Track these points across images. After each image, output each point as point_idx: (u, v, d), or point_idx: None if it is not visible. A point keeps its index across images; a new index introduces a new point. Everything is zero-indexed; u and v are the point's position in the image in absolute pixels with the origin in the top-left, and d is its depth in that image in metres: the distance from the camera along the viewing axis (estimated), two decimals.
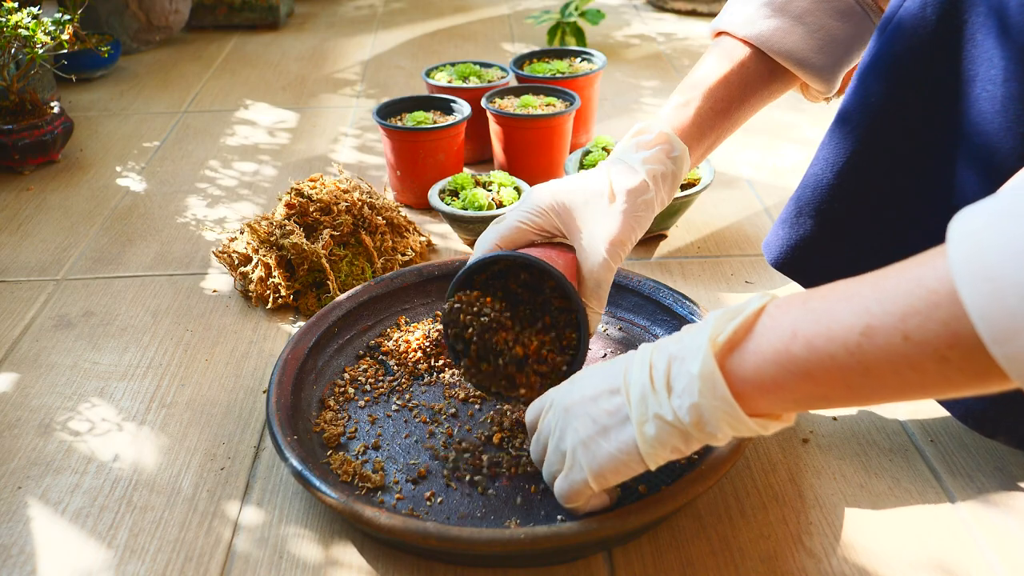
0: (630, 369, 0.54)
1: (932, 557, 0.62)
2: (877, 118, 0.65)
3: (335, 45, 1.79)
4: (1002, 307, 0.37)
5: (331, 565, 0.62)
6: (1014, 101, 0.55)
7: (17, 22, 1.13)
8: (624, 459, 0.54)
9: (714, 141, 0.75)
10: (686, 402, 0.50)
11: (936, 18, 0.60)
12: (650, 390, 0.52)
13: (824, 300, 0.46)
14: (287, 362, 0.74)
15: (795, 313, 0.47)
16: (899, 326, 0.41)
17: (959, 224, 0.40)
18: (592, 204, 0.68)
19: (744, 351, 0.49)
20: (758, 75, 0.74)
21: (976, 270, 0.38)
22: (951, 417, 0.74)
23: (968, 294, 0.38)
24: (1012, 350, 0.37)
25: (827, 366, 0.45)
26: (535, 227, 0.69)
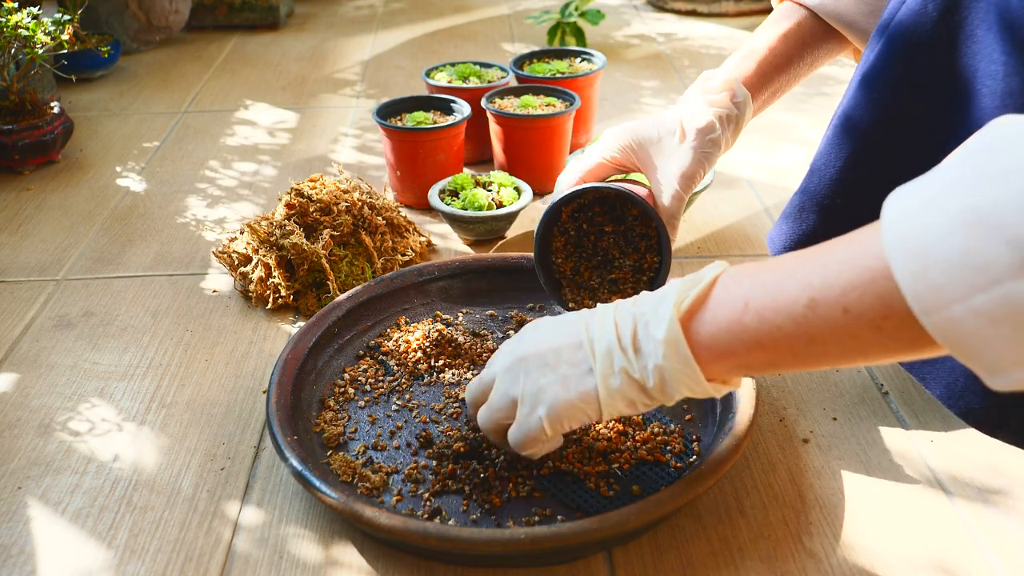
0: (591, 327, 0.57)
1: (932, 557, 0.62)
2: (880, 116, 0.65)
3: (335, 45, 1.79)
4: (928, 282, 0.40)
5: (331, 565, 0.62)
6: (1014, 96, 0.55)
7: (17, 22, 1.13)
8: (582, 407, 0.57)
9: (774, 92, 0.80)
10: (651, 363, 0.54)
11: (937, 14, 0.60)
12: (617, 348, 0.55)
13: (772, 272, 0.50)
14: (287, 362, 0.74)
15: (746, 284, 0.51)
16: (840, 300, 0.45)
17: (892, 206, 0.44)
18: (665, 141, 0.75)
19: (701, 319, 0.53)
20: (813, 35, 0.79)
21: (906, 250, 0.41)
22: (951, 416, 0.74)
23: (899, 270, 0.42)
24: (938, 319, 0.41)
25: (775, 336, 0.49)
26: (614, 163, 0.77)
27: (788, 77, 0.80)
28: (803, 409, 0.76)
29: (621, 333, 0.55)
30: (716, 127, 0.75)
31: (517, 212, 0.99)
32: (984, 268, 0.39)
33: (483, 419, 0.63)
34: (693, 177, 0.74)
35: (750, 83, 0.78)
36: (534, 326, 0.62)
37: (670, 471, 0.67)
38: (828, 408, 0.76)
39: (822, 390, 0.78)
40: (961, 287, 0.39)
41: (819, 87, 1.51)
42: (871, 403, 0.76)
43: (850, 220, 0.70)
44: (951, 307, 0.40)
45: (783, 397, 0.78)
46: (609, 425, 0.70)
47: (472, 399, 0.65)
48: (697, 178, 0.75)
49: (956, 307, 0.40)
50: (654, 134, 0.76)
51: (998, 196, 0.39)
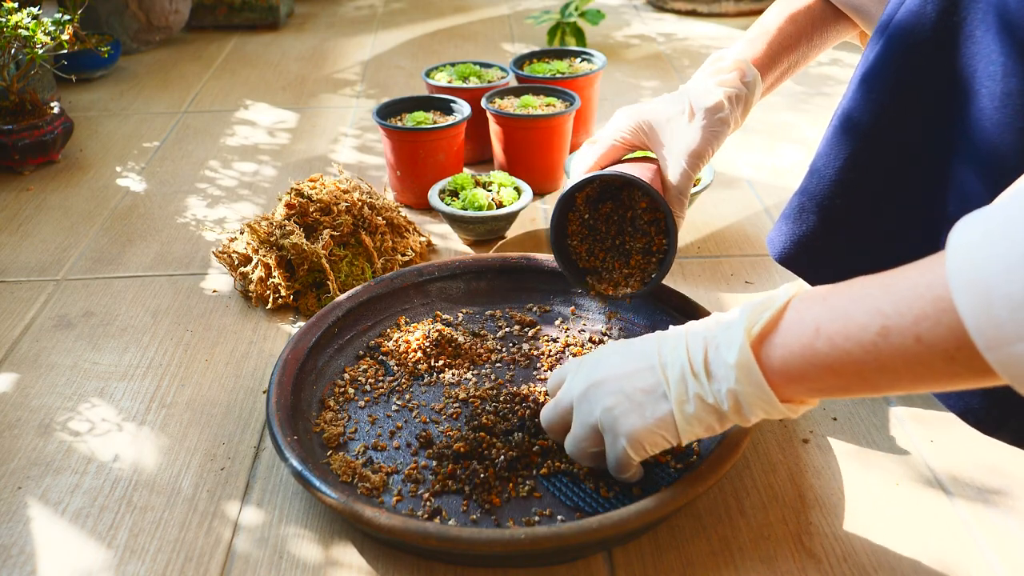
0: (663, 351, 0.58)
1: (932, 557, 0.62)
2: (879, 115, 0.65)
3: (335, 45, 1.79)
4: (990, 318, 0.40)
5: (331, 565, 0.62)
6: (1012, 97, 0.55)
7: (17, 22, 1.13)
8: (660, 432, 0.57)
9: (783, 73, 0.82)
10: (724, 387, 0.54)
11: (936, 15, 0.60)
12: (690, 373, 0.56)
13: (843, 297, 0.50)
14: (287, 362, 0.74)
15: (817, 309, 0.51)
16: (912, 329, 0.45)
17: (957, 236, 0.43)
18: (674, 121, 0.77)
19: (773, 343, 0.52)
20: (823, 17, 0.81)
21: (969, 283, 0.41)
22: (951, 416, 0.74)
23: (962, 304, 0.41)
24: (1001, 356, 0.40)
25: (846, 361, 0.48)
26: (626, 144, 0.79)
27: (797, 57, 0.81)
28: None
29: (693, 358, 0.56)
30: (725, 106, 0.75)
31: (517, 212, 0.99)
32: None
33: (571, 450, 0.63)
34: (702, 155, 0.75)
35: (760, 63, 0.79)
36: (606, 350, 0.62)
37: (670, 471, 0.67)
38: (828, 408, 0.76)
39: None
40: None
41: (819, 87, 1.51)
42: (871, 403, 0.76)
43: (850, 221, 0.70)
44: (1014, 345, 0.39)
45: None
46: None
47: (548, 424, 0.65)
48: (706, 156, 0.76)
49: (1019, 345, 0.39)
50: (663, 114, 0.77)
51: None
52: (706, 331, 0.56)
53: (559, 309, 0.87)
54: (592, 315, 0.86)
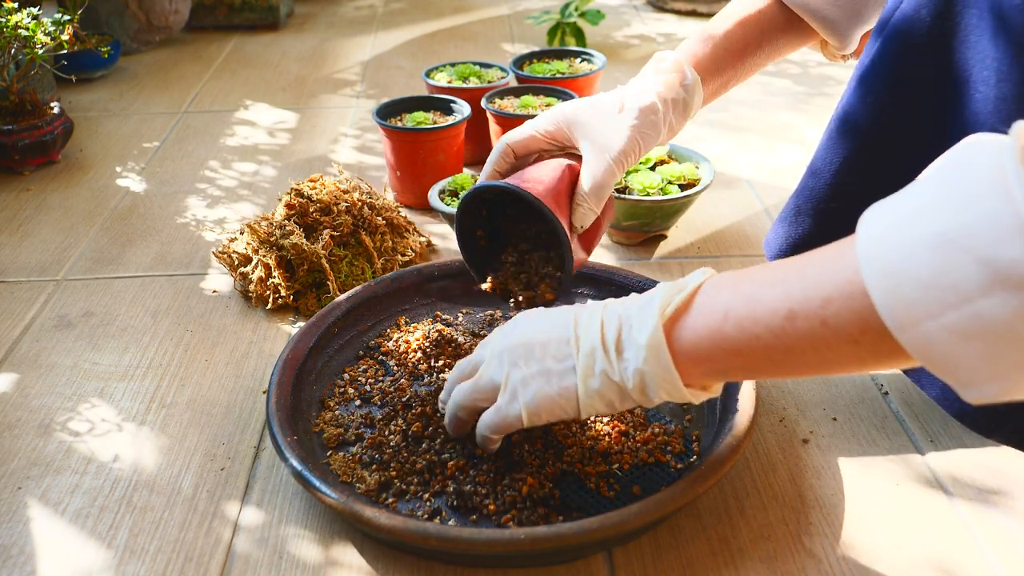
0: (579, 323, 0.58)
1: (932, 557, 0.62)
2: (875, 118, 0.65)
3: (335, 45, 1.79)
4: (900, 299, 0.42)
5: (331, 565, 0.62)
6: (1006, 101, 0.55)
7: (17, 22, 1.13)
8: (562, 403, 0.58)
9: (728, 80, 0.78)
10: (631, 366, 0.55)
11: (930, 19, 0.60)
12: (600, 348, 0.56)
13: (753, 283, 0.51)
14: (287, 362, 0.74)
15: (727, 294, 0.52)
16: (819, 312, 0.46)
17: (868, 222, 0.45)
18: (602, 116, 0.72)
19: (683, 326, 0.53)
20: (775, 23, 0.77)
21: (880, 268, 0.42)
22: (951, 418, 0.74)
23: (873, 287, 0.43)
24: (911, 336, 0.42)
25: (754, 345, 0.50)
26: (546, 135, 0.74)
27: (744, 65, 0.78)
28: (803, 409, 0.76)
29: (606, 334, 0.56)
30: (658, 108, 0.72)
31: None
32: (954, 287, 0.40)
33: (462, 395, 0.63)
34: (627, 153, 0.71)
35: (702, 67, 0.76)
36: (527, 315, 0.63)
37: (670, 471, 0.67)
38: (828, 408, 0.76)
39: (822, 390, 0.78)
40: (933, 305, 0.40)
41: (819, 87, 1.51)
42: (871, 403, 0.76)
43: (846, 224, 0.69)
44: (923, 324, 0.41)
45: (783, 397, 0.78)
46: (610, 425, 0.70)
47: (457, 375, 0.65)
48: (631, 156, 0.71)
49: (929, 324, 0.41)
50: (591, 111, 0.73)
51: (966, 219, 0.40)
52: (623, 309, 0.57)
53: None
54: None
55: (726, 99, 1.46)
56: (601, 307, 0.58)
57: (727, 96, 1.47)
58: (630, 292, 0.84)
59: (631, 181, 0.99)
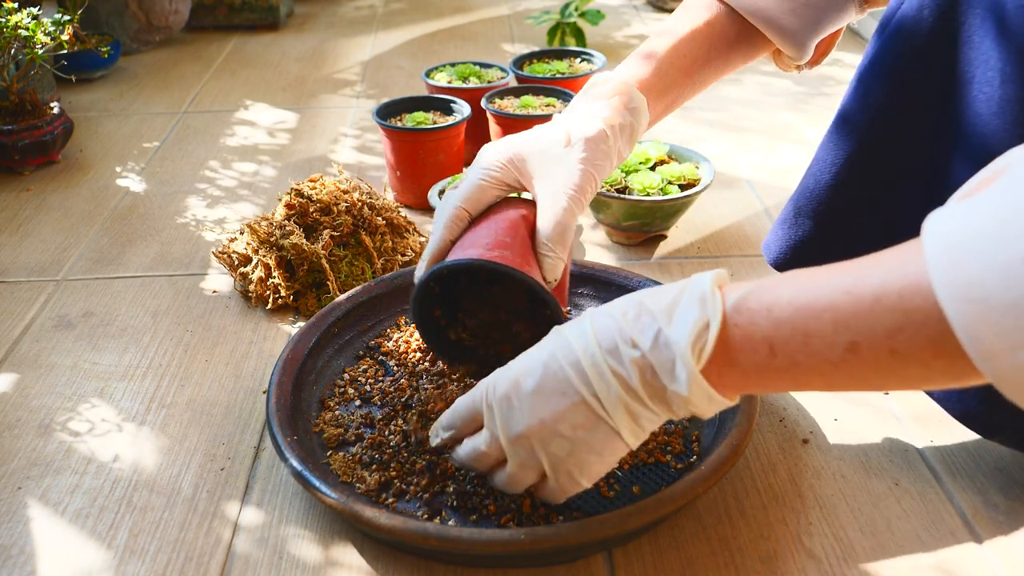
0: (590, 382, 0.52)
1: (932, 557, 0.62)
2: (876, 119, 0.65)
3: (335, 45, 1.79)
4: (988, 328, 0.38)
5: (331, 565, 0.62)
6: (1011, 103, 0.55)
7: (17, 22, 1.13)
8: (613, 460, 0.56)
9: (675, 99, 0.73)
10: (681, 411, 0.52)
11: (933, 20, 0.60)
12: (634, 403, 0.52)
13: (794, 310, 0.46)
14: (287, 362, 0.74)
15: (765, 327, 0.47)
16: (886, 343, 0.42)
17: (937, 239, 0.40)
18: (550, 153, 0.66)
19: (725, 367, 0.49)
20: (725, 36, 0.72)
21: (960, 291, 0.38)
22: (951, 418, 0.74)
23: (954, 315, 0.39)
24: (998, 365, 0.38)
25: (810, 375, 0.46)
26: (495, 182, 0.68)
27: (692, 82, 0.73)
28: (803, 409, 0.76)
29: (632, 385, 0.51)
30: (607, 136, 0.66)
31: None
32: None
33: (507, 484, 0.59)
34: (583, 190, 0.65)
35: (647, 88, 0.70)
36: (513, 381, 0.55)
37: (670, 471, 0.67)
38: (828, 408, 0.76)
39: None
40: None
41: (819, 87, 1.51)
42: (871, 403, 0.76)
43: (846, 226, 0.70)
44: (1017, 352, 0.37)
45: (783, 397, 0.78)
46: None
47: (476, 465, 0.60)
48: (587, 191, 0.65)
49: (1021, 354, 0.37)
50: (535, 147, 0.67)
51: None
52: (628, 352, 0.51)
53: None
54: None
55: (726, 99, 1.46)
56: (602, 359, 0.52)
57: (727, 96, 1.47)
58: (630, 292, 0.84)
59: (631, 181, 0.99)
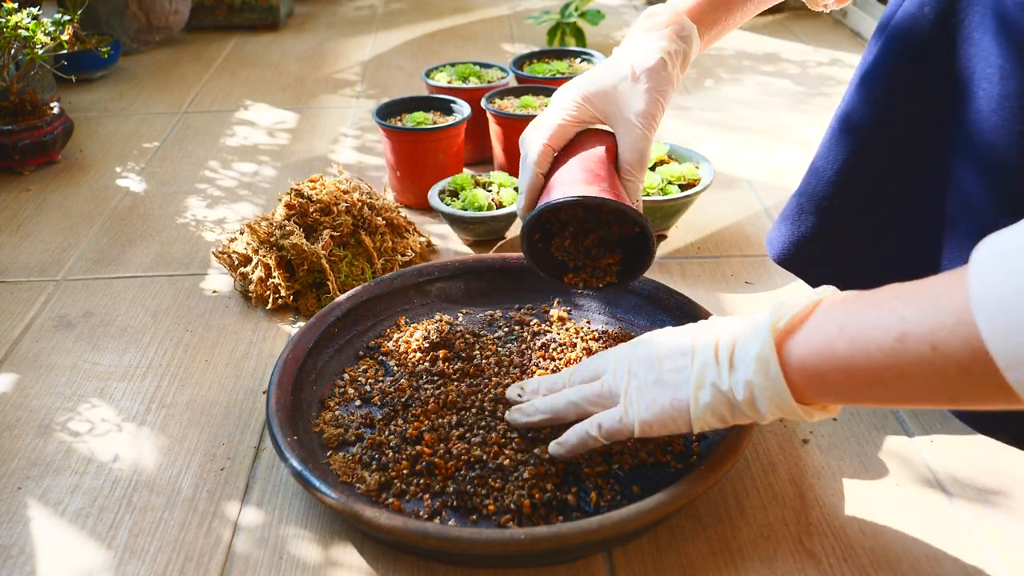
0: (697, 338, 0.59)
1: (932, 557, 0.62)
2: (878, 116, 0.65)
3: (335, 45, 1.79)
4: (1009, 338, 0.40)
5: (331, 566, 0.62)
6: (1010, 99, 0.55)
7: (17, 22, 1.13)
8: (674, 415, 0.58)
9: (722, 27, 0.79)
10: (741, 378, 0.55)
11: (934, 16, 0.60)
12: (713, 361, 0.56)
13: (869, 302, 0.50)
14: (287, 363, 0.74)
15: (842, 311, 0.51)
16: (928, 337, 0.45)
17: (982, 251, 0.43)
18: (620, 87, 0.74)
19: (795, 340, 0.53)
20: None
21: (992, 301, 0.41)
22: (951, 417, 0.74)
23: (983, 322, 0.41)
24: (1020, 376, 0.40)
25: (865, 364, 0.49)
26: (574, 120, 0.76)
27: (736, 12, 0.79)
28: None
29: (720, 346, 0.56)
30: (666, 64, 0.74)
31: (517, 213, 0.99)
32: None
33: (580, 395, 0.63)
34: (653, 116, 0.74)
35: (697, 16, 0.76)
36: (654, 332, 0.63)
37: (670, 471, 0.67)
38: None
39: None
40: None
41: (819, 87, 1.51)
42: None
43: (849, 222, 0.70)
44: None
45: None
46: None
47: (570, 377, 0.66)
48: (657, 117, 0.74)
49: None
50: (606, 83, 0.75)
51: None
52: (740, 325, 0.57)
53: (559, 309, 0.87)
54: (592, 315, 0.86)
55: (726, 99, 1.46)
56: (719, 324, 0.59)
57: (727, 96, 1.47)
58: (630, 292, 0.85)
59: None
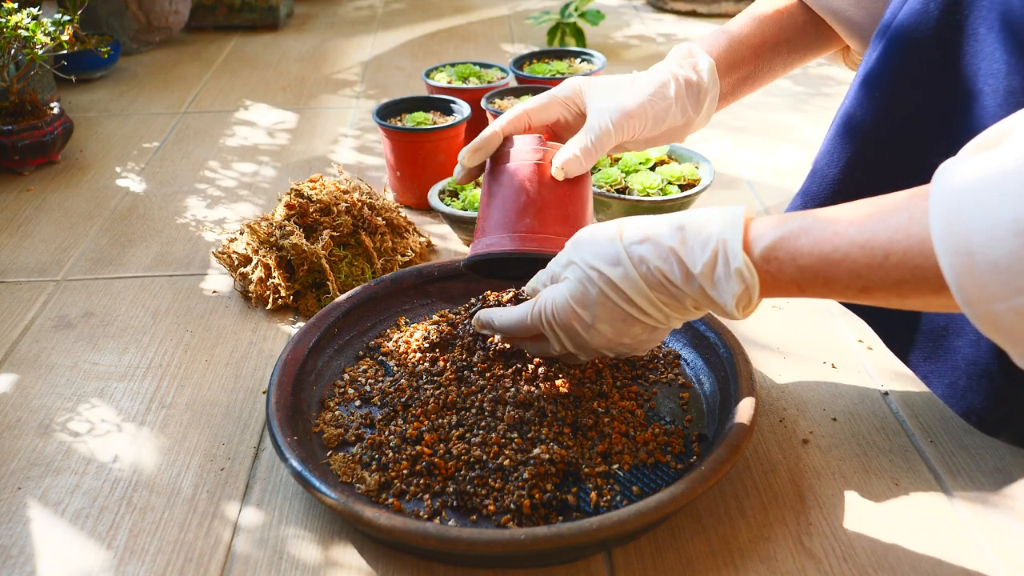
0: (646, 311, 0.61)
1: (932, 557, 0.61)
2: (881, 115, 0.65)
3: (335, 46, 1.79)
4: (972, 279, 0.43)
5: (331, 566, 0.62)
6: (1015, 94, 0.55)
7: (17, 23, 1.13)
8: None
9: (746, 76, 0.78)
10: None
11: (939, 13, 0.60)
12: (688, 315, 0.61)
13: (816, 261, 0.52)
14: (287, 363, 0.74)
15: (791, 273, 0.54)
16: (894, 290, 0.49)
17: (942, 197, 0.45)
18: (614, 83, 0.75)
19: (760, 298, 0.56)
20: (794, 21, 0.78)
21: (953, 246, 0.44)
22: (952, 417, 0.74)
23: (945, 264, 0.44)
24: (978, 311, 0.44)
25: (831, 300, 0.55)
26: (559, 101, 0.76)
27: (763, 62, 0.78)
28: (803, 409, 0.76)
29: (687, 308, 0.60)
30: (670, 82, 0.73)
31: None
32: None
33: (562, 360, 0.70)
34: (631, 116, 0.72)
35: (718, 57, 0.76)
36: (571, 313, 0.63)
37: (670, 471, 0.67)
38: (828, 408, 0.76)
39: (822, 390, 0.78)
40: (1005, 289, 0.42)
41: (819, 87, 1.51)
42: (871, 403, 0.76)
43: None
44: (992, 303, 0.43)
45: (783, 397, 0.78)
46: (610, 426, 0.70)
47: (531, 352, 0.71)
48: (636, 120, 0.72)
49: (998, 304, 0.43)
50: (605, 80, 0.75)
51: None
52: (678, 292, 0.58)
53: None
54: None
55: None
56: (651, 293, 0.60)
57: None
58: None
59: (631, 181, 0.99)
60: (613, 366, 0.76)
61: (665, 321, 0.61)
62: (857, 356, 0.83)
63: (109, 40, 1.58)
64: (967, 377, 0.63)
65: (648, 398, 0.75)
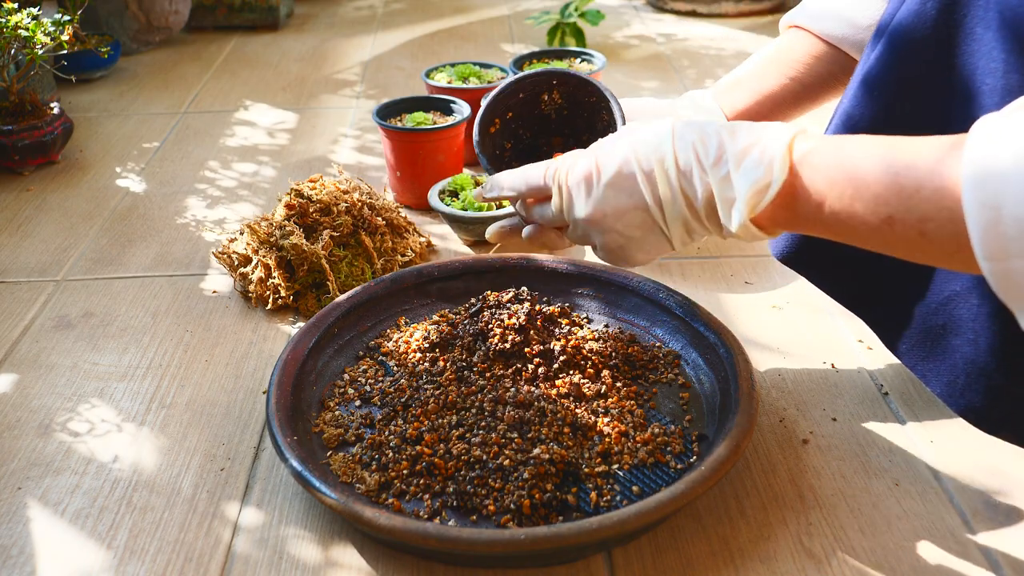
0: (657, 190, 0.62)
1: (932, 558, 0.62)
2: (880, 114, 0.65)
3: (335, 46, 1.79)
4: (996, 235, 0.44)
5: (331, 566, 0.62)
6: (1014, 93, 0.55)
7: (17, 23, 1.13)
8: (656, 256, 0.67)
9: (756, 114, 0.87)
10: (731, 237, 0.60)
11: (936, 12, 0.60)
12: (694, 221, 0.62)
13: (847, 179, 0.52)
14: (287, 363, 0.74)
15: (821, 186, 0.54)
16: (917, 226, 0.49)
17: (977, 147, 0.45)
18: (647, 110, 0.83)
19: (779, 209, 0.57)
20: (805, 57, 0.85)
21: (982, 199, 0.44)
22: (951, 417, 0.74)
23: (970, 216, 0.45)
24: (996, 267, 0.45)
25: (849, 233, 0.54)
26: None
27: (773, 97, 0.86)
28: (803, 409, 0.76)
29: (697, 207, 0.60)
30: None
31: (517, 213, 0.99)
32: None
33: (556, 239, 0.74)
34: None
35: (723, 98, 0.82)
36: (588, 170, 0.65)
37: (670, 471, 0.67)
38: (828, 408, 0.76)
39: (822, 390, 0.78)
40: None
41: None
42: (871, 403, 0.76)
43: None
44: (1011, 260, 0.44)
45: (783, 398, 0.78)
46: (610, 426, 0.70)
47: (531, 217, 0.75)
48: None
49: (1016, 262, 0.44)
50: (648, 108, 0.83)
51: None
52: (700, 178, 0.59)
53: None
54: (591, 315, 0.86)
55: None
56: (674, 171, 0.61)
57: None
58: (630, 292, 0.85)
59: None
60: (613, 366, 0.77)
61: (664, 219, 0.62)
62: (857, 356, 0.83)
63: (109, 40, 1.58)
64: (966, 376, 0.63)
65: (648, 398, 0.75)
